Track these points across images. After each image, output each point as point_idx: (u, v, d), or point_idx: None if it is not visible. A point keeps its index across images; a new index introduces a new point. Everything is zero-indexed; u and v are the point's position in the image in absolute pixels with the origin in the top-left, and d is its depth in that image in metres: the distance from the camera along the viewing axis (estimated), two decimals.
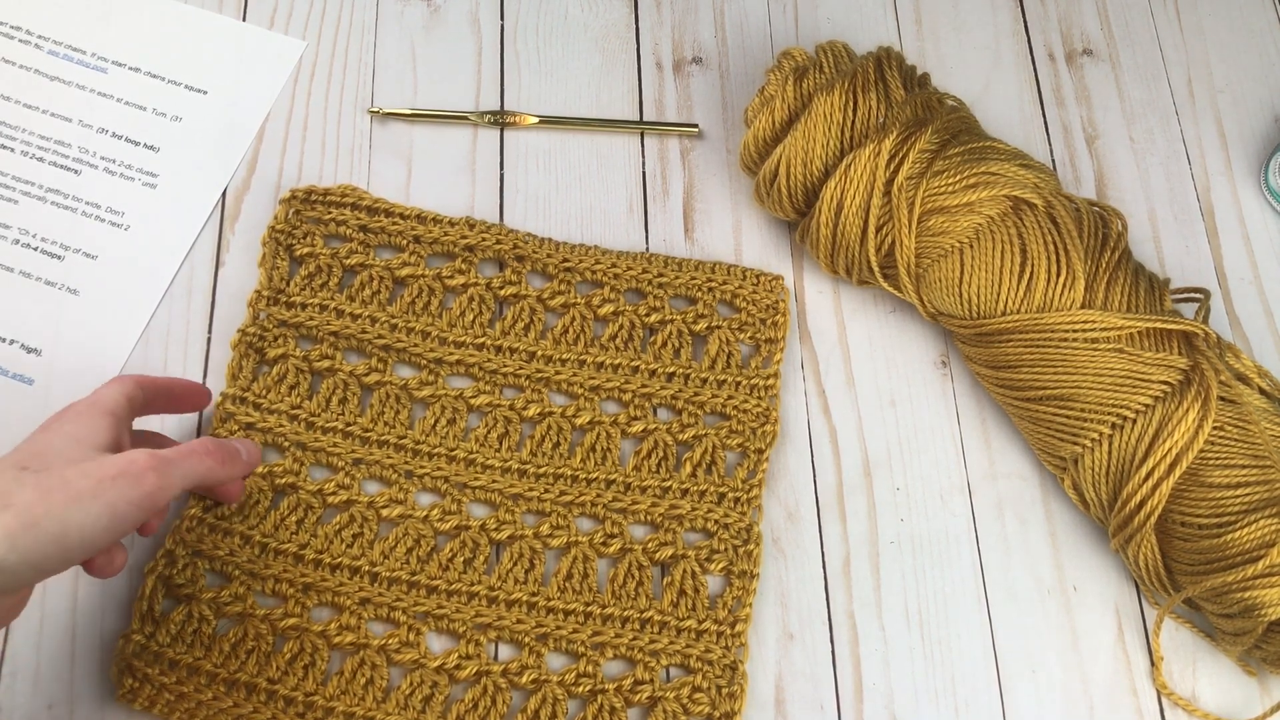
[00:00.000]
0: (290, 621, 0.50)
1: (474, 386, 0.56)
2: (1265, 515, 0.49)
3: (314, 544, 0.52)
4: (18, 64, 0.63)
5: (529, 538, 0.53)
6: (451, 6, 0.67)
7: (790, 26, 0.68)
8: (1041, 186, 0.55)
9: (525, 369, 0.56)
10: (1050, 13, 0.69)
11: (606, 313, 0.58)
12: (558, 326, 0.58)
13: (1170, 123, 0.66)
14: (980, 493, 0.57)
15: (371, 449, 0.54)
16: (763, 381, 0.57)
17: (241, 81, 0.64)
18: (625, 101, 0.65)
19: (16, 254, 0.59)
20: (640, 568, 0.53)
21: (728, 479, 0.55)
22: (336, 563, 0.51)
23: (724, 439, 0.56)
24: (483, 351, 0.57)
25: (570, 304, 0.58)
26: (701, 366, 0.57)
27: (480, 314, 0.58)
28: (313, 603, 0.51)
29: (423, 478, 0.54)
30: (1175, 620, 0.54)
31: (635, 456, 0.55)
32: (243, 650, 0.49)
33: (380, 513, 0.53)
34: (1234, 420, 0.50)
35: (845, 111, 0.55)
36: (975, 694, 0.53)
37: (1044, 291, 0.53)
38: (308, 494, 0.53)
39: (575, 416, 0.56)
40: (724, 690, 0.51)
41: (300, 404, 0.55)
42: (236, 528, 0.52)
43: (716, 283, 0.59)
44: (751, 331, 0.58)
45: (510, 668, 0.50)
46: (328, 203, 0.59)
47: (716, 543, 0.53)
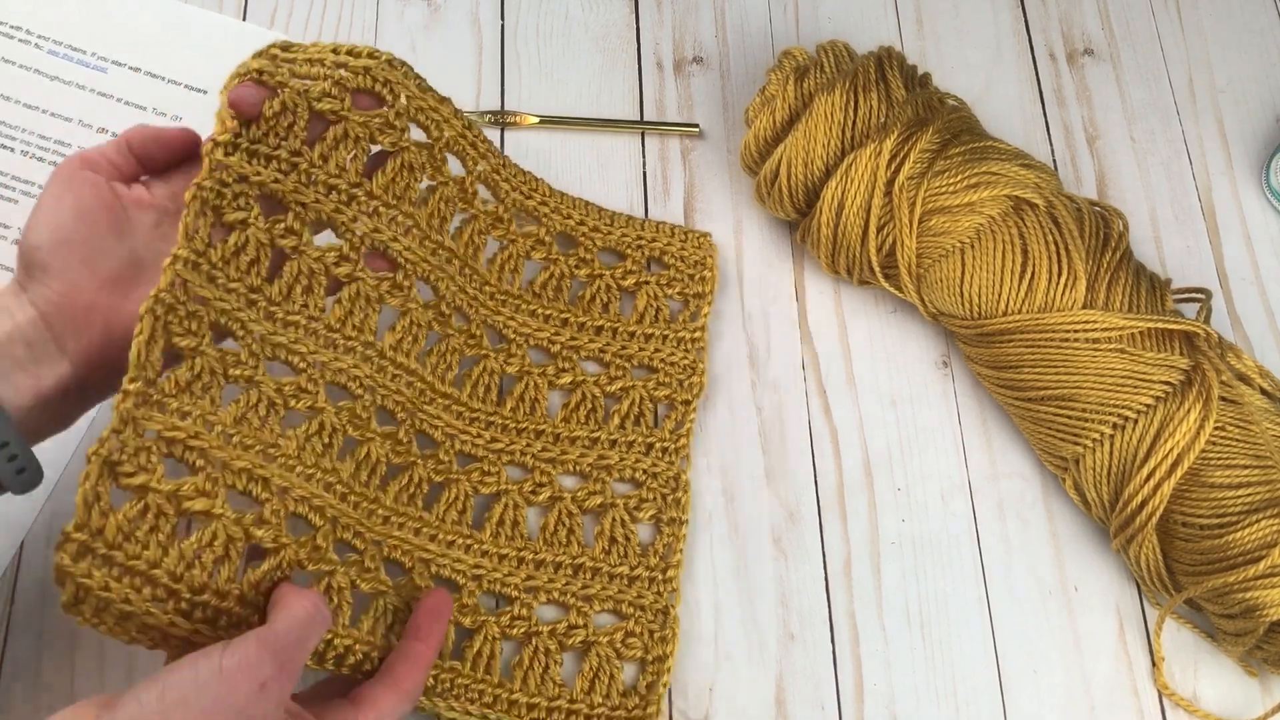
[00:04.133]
0: (267, 532, 0.43)
1: (434, 300, 0.54)
2: (1266, 515, 0.49)
3: (285, 445, 0.45)
4: (18, 64, 0.63)
5: (463, 482, 0.53)
6: (451, 6, 0.67)
7: (791, 26, 0.68)
8: (1043, 186, 0.55)
9: (476, 295, 0.56)
10: (1051, 12, 0.69)
11: (539, 257, 0.58)
12: (497, 260, 0.57)
13: (1171, 122, 0.66)
14: (981, 493, 0.57)
15: (339, 355, 0.49)
16: (690, 335, 0.58)
17: None
18: (626, 101, 0.65)
19: None
20: (570, 515, 0.54)
21: (655, 430, 0.56)
22: (309, 473, 0.46)
23: (651, 391, 0.57)
24: (450, 264, 0.54)
25: (509, 239, 0.58)
26: (629, 321, 0.58)
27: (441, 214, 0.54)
28: (287, 509, 0.44)
29: (384, 398, 0.51)
30: (1176, 620, 0.54)
31: (564, 409, 0.56)
32: (209, 559, 0.41)
33: (347, 428, 0.49)
34: (1235, 420, 0.50)
35: (846, 111, 0.55)
36: (976, 694, 0.53)
37: (1045, 291, 0.53)
38: (270, 391, 0.46)
39: (507, 364, 0.56)
40: (656, 635, 0.52)
41: (259, 286, 0.46)
42: (190, 407, 0.42)
43: (645, 239, 0.60)
44: (680, 287, 0.59)
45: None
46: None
47: (645, 491, 0.54)
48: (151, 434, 0.41)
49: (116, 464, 0.39)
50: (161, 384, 0.42)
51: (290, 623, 0.39)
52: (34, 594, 0.51)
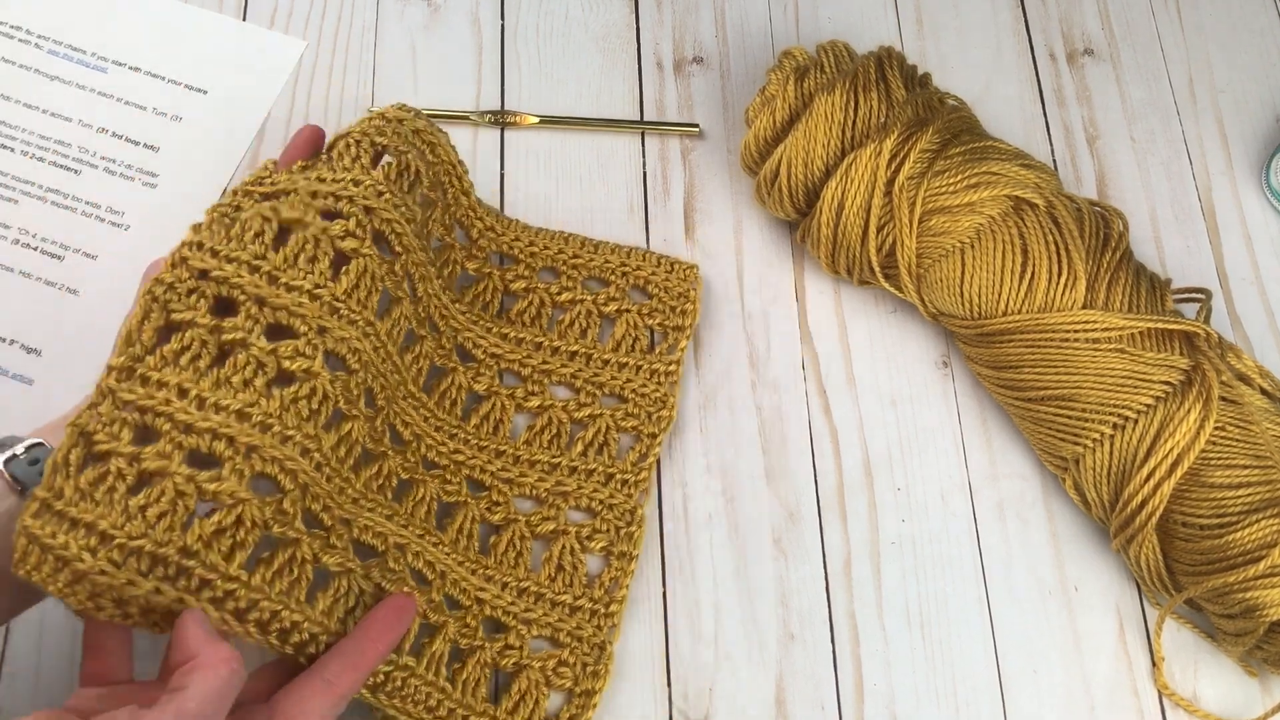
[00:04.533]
0: (224, 486, 0.41)
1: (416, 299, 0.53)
2: (1266, 515, 0.49)
3: (266, 405, 0.43)
4: (18, 64, 0.63)
5: (429, 484, 0.53)
6: (451, 6, 0.67)
7: (791, 26, 0.68)
8: (1043, 186, 0.55)
9: (448, 309, 0.55)
10: (1051, 12, 0.69)
11: (518, 288, 0.58)
12: (470, 292, 0.58)
13: (1171, 122, 0.66)
14: (981, 493, 0.57)
15: (342, 325, 0.47)
16: (664, 367, 0.57)
17: (241, 81, 0.64)
18: (626, 101, 0.65)
19: (16, 254, 0.59)
20: (522, 539, 0.53)
21: (618, 461, 0.55)
22: (288, 434, 0.44)
23: (619, 420, 0.56)
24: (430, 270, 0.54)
25: (484, 273, 0.58)
26: (605, 348, 0.58)
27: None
28: (252, 469, 0.43)
29: (374, 380, 0.49)
30: (1176, 620, 0.54)
31: (528, 431, 0.56)
32: (154, 513, 0.40)
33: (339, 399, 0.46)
34: (1235, 420, 0.50)
35: (846, 111, 0.55)
36: (976, 694, 0.53)
37: (1045, 291, 0.53)
38: (261, 352, 0.44)
39: (475, 381, 0.56)
40: (589, 668, 0.51)
41: (264, 254, 0.46)
42: (170, 378, 0.42)
43: (630, 267, 0.59)
44: (660, 318, 0.59)
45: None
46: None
47: (599, 522, 0.54)
48: (129, 406, 0.42)
49: (91, 434, 0.41)
50: (149, 359, 0.43)
51: (206, 693, 0.37)
52: None
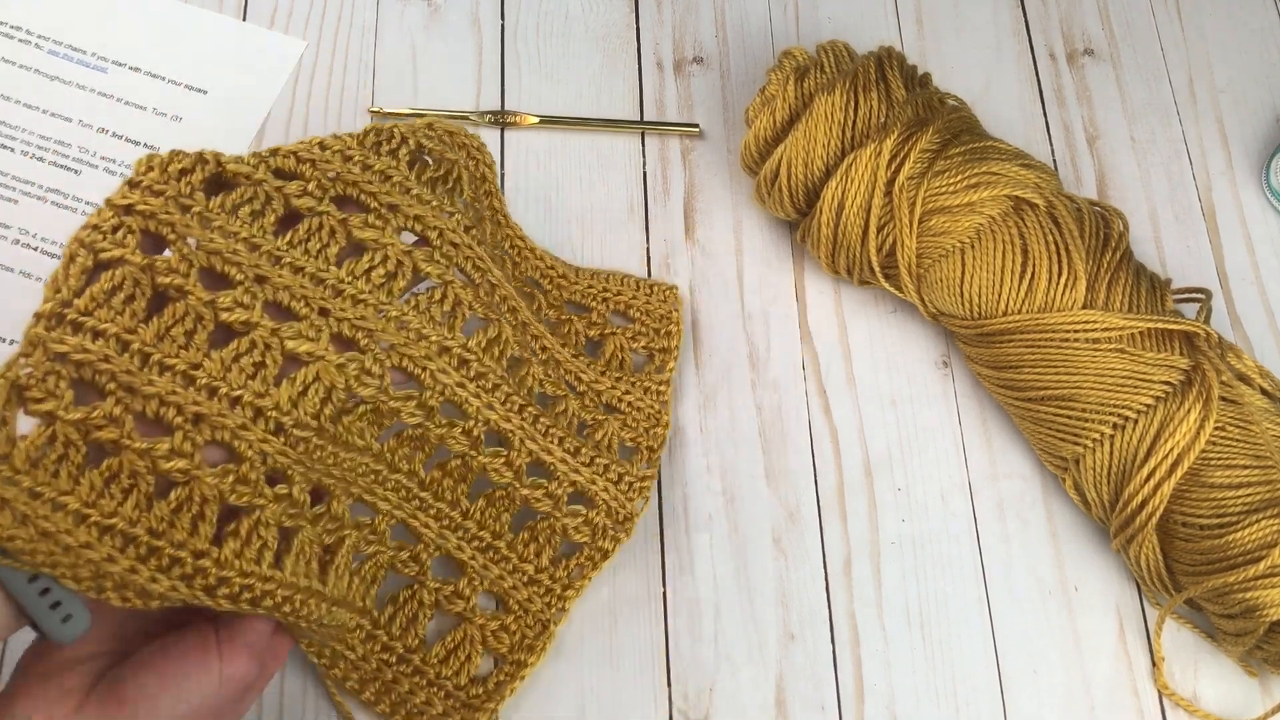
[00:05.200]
0: (178, 464, 0.39)
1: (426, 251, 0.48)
2: (1267, 516, 0.49)
3: (208, 367, 0.40)
4: (18, 64, 0.63)
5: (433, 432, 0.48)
6: (451, 6, 0.67)
7: (791, 26, 0.68)
8: (1043, 186, 0.55)
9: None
10: (1051, 12, 0.69)
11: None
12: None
13: (1171, 123, 0.66)
14: (981, 493, 0.57)
15: (281, 270, 0.43)
16: (655, 385, 0.57)
17: (241, 81, 0.64)
18: (626, 101, 0.65)
19: (16, 254, 0.59)
20: (510, 501, 0.52)
21: (627, 464, 0.54)
22: (236, 395, 0.40)
23: (619, 432, 0.55)
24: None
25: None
26: (598, 362, 0.57)
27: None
28: (204, 438, 0.40)
29: (341, 323, 0.44)
30: (1176, 620, 0.54)
31: (551, 409, 0.53)
32: (117, 489, 0.38)
33: (286, 345, 0.42)
34: (1235, 420, 0.50)
35: (846, 111, 0.55)
36: (976, 694, 0.53)
37: (1045, 291, 0.53)
38: (198, 302, 0.41)
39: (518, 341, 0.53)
40: (525, 640, 0.52)
41: (191, 194, 0.42)
42: (107, 328, 0.39)
43: (610, 293, 0.59)
44: (645, 341, 0.58)
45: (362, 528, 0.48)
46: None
47: (593, 514, 0.53)
48: (63, 359, 0.38)
49: (24, 388, 0.37)
50: (78, 302, 0.39)
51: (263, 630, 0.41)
52: None
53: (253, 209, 0.43)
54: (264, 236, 0.43)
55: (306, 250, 0.44)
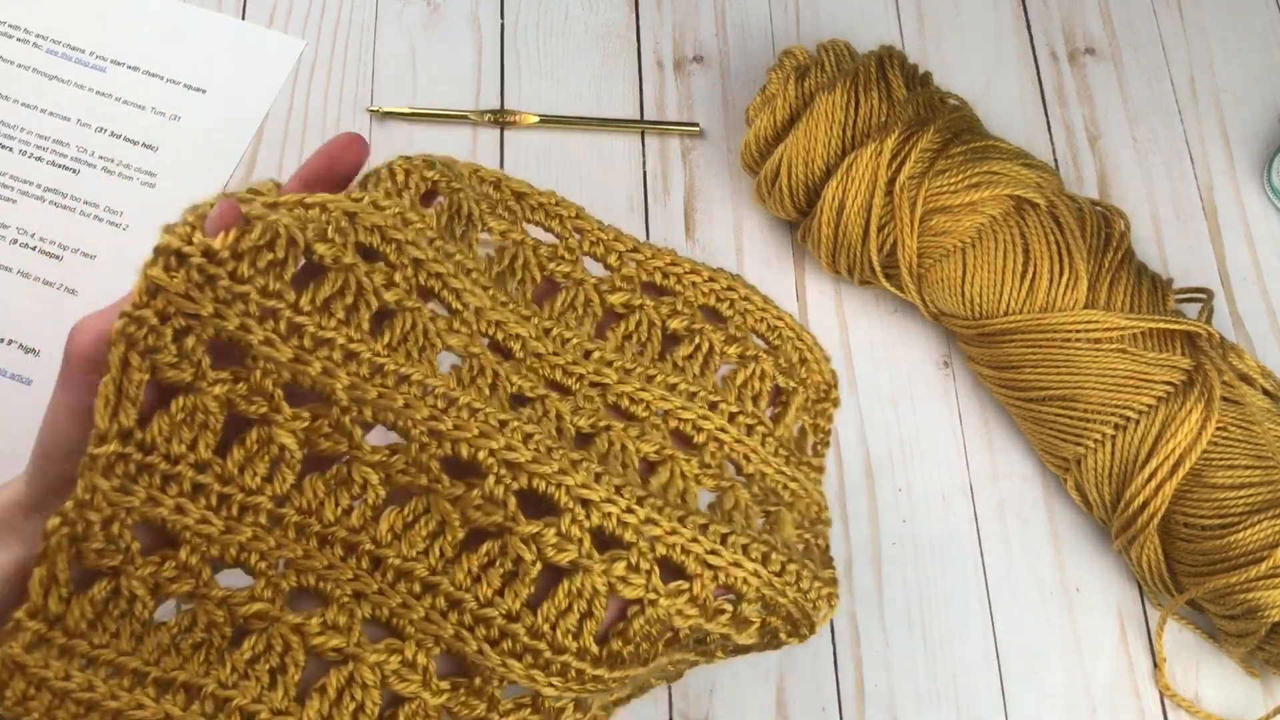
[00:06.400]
0: (257, 608, 0.35)
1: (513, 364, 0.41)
2: (1269, 516, 0.48)
3: (296, 500, 0.35)
4: (16, 63, 0.63)
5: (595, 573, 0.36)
6: (451, 5, 0.67)
7: (791, 25, 0.68)
8: (1044, 186, 0.55)
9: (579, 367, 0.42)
10: (1052, 11, 0.69)
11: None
12: (620, 328, 0.45)
13: (1173, 122, 0.66)
14: (982, 493, 0.57)
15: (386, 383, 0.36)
16: (813, 470, 0.46)
17: (240, 80, 0.64)
18: (626, 101, 0.65)
19: (15, 254, 0.58)
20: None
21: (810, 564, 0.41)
22: (327, 533, 0.35)
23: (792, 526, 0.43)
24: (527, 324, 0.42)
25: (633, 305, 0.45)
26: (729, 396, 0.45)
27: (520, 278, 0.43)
28: (290, 585, 0.35)
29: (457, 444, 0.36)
30: (1178, 621, 0.54)
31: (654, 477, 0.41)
32: (187, 645, 0.34)
33: (393, 478, 0.36)
34: (1237, 421, 0.50)
35: (847, 110, 0.55)
36: (977, 695, 0.53)
37: (1046, 291, 0.53)
38: (282, 430, 0.35)
39: (576, 414, 0.41)
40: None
41: (280, 291, 0.34)
42: (182, 470, 0.34)
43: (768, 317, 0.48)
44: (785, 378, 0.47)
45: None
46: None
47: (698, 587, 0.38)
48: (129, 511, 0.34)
49: (83, 539, 0.33)
50: (142, 437, 0.33)
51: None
52: None
53: (344, 304, 0.36)
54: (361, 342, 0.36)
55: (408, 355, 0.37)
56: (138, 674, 0.33)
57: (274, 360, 0.34)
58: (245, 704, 0.33)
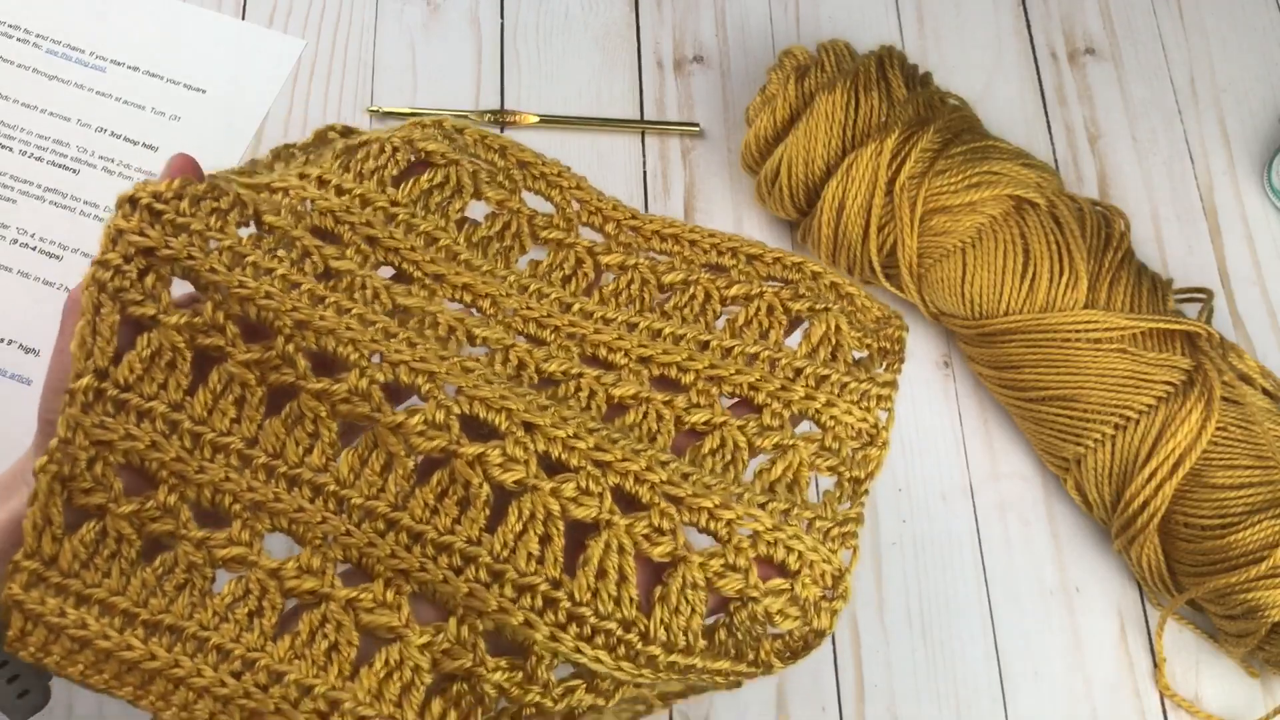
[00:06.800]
0: (233, 552, 0.36)
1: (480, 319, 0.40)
2: (1269, 516, 0.48)
3: (265, 441, 0.36)
4: (16, 63, 0.63)
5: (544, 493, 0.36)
6: (451, 5, 0.67)
7: (791, 25, 0.68)
8: (1044, 186, 0.55)
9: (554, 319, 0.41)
10: (1053, 11, 0.69)
11: (675, 280, 0.43)
12: (608, 288, 0.43)
13: (1173, 122, 0.66)
14: (982, 493, 0.57)
15: (325, 312, 0.37)
16: (876, 389, 0.42)
17: (240, 80, 0.64)
18: (626, 100, 0.65)
19: (15, 254, 0.58)
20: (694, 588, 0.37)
21: (815, 505, 0.40)
22: (294, 474, 0.36)
23: (813, 458, 0.41)
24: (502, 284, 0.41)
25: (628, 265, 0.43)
26: (797, 353, 0.41)
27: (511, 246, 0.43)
28: (264, 526, 0.36)
29: (396, 366, 0.37)
30: (1178, 621, 0.54)
31: (693, 451, 0.39)
32: (170, 585, 0.35)
33: (337, 409, 0.37)
34: (1237, 421, 0.50)
35: (847, 110, 0.55)
36: (977, 695, 0.53)
37: (1046, 291, 0.53)
38: (239, 367, 0.36)
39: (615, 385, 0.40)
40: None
41: (221, 227, 0.37)
42: (155, 406, 0.35)
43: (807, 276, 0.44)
44: (862, 335, 0.43)
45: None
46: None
47: (800, 588, 0.37)
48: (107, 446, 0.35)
49: (70, 479, 0.35)
50: (116, 373, 0.35)
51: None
52: None
53: (290, 257, 0.38)
54: (303, 275, 0.38)
55: (352, 299, 0.38)
56: (127, 615, 0.35)
57: (221, 287, 0.36)
58: (222, 643, 0.35)
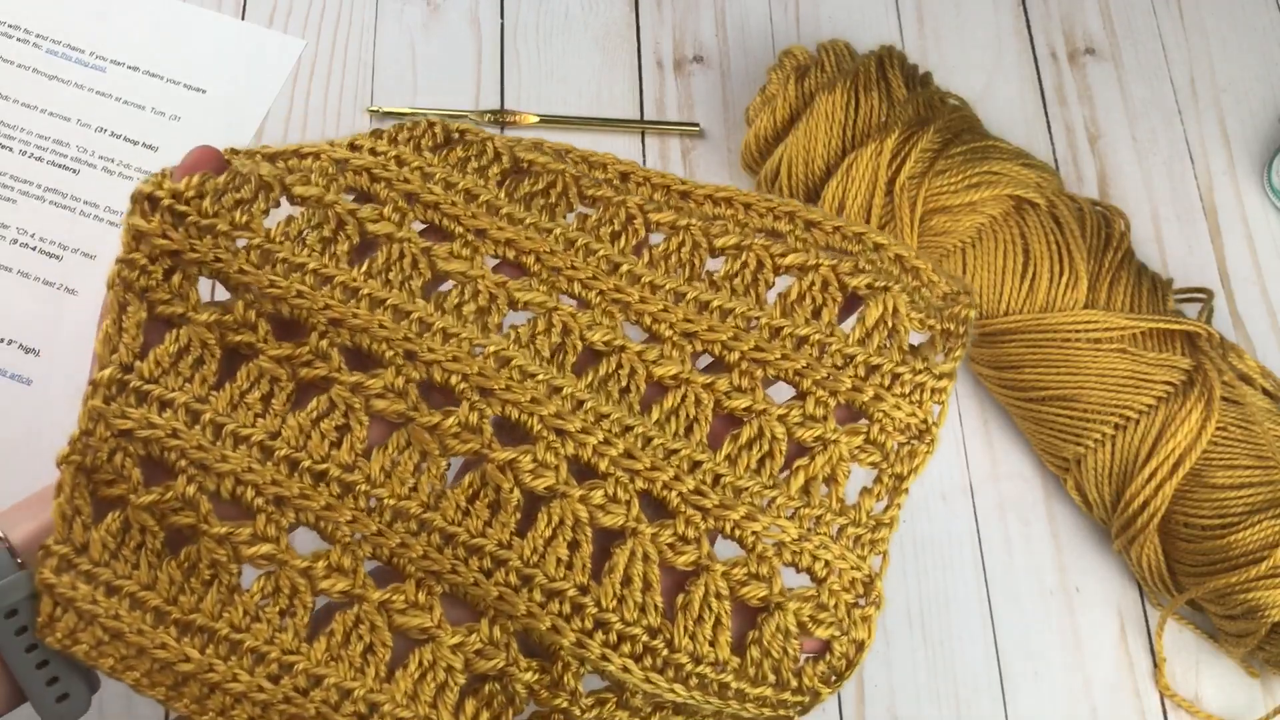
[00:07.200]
0: (261, 549, 0.35)
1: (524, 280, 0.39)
2: (1269, 516, 0.48)
3: (287, 435, 0.36)
4: (16, 63, 0.63)
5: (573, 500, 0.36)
6: (451, 5, 0.67)
7: (791, 25, 0.68)
8: (1044, 186, 0.55)
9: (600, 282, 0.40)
10: (1053, 11, 0.69)
11: (728, 244, 0.40)
12: (658, 249, 0.41)
13: (1173, 122, 0.66)
14: (982, 493, 0.57)
15: (359, 307, 0.37)
16: (931, 380, 0.39)
17: (240, 80, 0.64)
18: (626, 100, 0.65)
19: (15, 254, 0.58)
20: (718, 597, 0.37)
21: (850, 509, 0.39)
22: (320, 469, 0.36)
23: (855, 451, 0.39)
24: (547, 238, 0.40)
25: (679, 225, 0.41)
26: (850, 338, 0.39)
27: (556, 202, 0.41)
28: (289, 521, 0.36)
29: (430, 366, 0.36)
30: (1178, 621, 0.54)
31: (731, 443, 0.38)
32: (196, 582, 0.35)
33: (371, 404, 0.36)
34: (1237, 421, 0.50)
35: (847, 111, 0.55)
36: (977, 695, 0.53)
37: (1047, 291, 0.53)
38: (270, 362, 0.36)
39: (657, 364, 0.38)
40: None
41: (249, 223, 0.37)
42: (176, 396, 0.35)
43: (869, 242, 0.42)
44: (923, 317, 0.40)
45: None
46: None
47: (826, 595, 0.37)
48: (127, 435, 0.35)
49: (93, 470, 0.35)
50: (141, 366, 0.35)
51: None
52: None
53: (322, 235, 0.38)
54: (337, 267, 0.37)
55: (388, 281, 0.38)
56: (159, 612, 0.34)
57: (251, 287, 0.36)
58: (256, 645, 0.35)
